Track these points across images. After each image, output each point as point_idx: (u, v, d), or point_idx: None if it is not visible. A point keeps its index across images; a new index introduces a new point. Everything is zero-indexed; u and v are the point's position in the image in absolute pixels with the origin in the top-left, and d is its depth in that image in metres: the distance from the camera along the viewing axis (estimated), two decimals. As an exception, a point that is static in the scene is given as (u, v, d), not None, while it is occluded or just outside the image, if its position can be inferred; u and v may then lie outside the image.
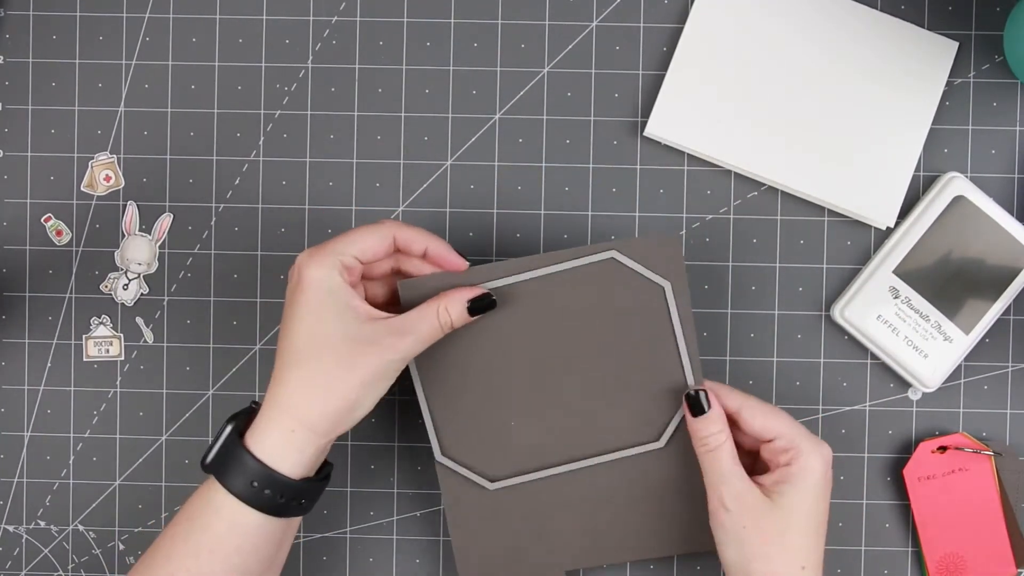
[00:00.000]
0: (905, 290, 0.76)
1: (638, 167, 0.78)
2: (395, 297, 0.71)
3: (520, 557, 0.74)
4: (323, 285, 0.66)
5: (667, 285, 0.71)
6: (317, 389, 0.65)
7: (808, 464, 0.68)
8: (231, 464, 0.66)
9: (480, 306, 0.69)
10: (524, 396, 0.73)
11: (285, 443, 0.65)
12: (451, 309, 0.68)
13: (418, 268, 0.71)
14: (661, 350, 0.72)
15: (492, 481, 0.74)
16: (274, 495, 0.65)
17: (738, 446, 0.71)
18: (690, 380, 0.72)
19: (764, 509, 0.67)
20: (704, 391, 0.70)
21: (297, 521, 0.69)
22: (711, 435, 0.69)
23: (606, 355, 0.72)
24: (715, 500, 0.68)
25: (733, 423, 0.70)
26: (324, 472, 0.69)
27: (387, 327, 0.66)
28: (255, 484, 0.65)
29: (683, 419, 0.72)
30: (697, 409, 0.70)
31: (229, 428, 0.67)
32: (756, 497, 0.67)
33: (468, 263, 0.71)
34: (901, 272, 0.76)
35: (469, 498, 0.74)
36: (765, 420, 0.69)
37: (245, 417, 0.68)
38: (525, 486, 0.74)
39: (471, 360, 0.72)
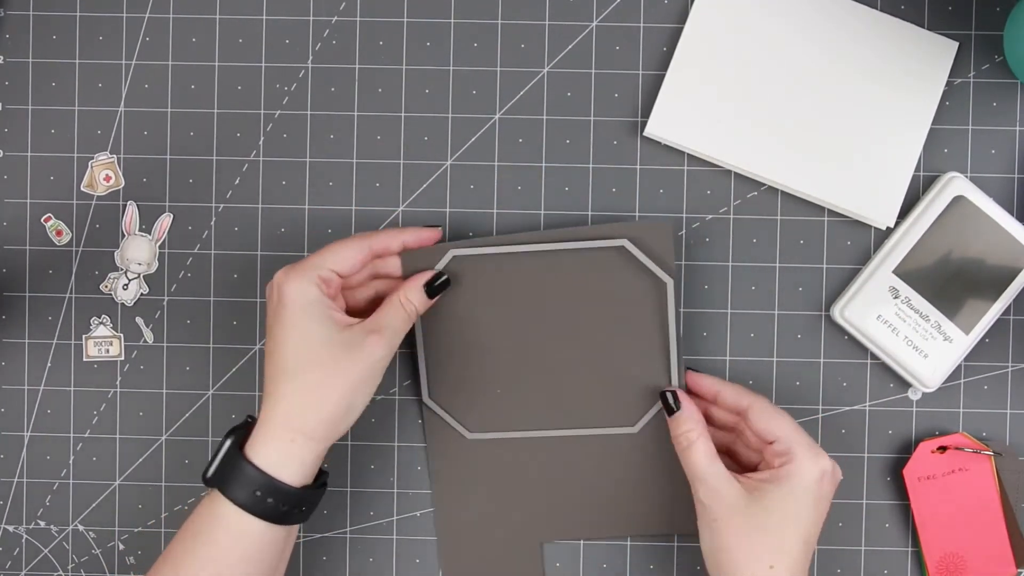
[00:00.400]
0: (905, 290, 0.76)
1: (638, 167, 0.78)
2: (376, 301, 0.74)
3: (495, 522, 0.77)
4: (302, 299, 0.68)
5: (670, 282, 0.74)
6: (311, 398, 0.67)
7: (798, 469, 0.68)
8: (233, 476, 0.67)
9: (436, 287, 0.73)
10: (513, 361, 0.76)
11: (285, 453, 0.67)
12: (411, 296, 0.72)
13: (394, 267, 0.74)
14: (650, 342, 0.75)
15: (471, 432, 0.77)
16: (277, 503, 0.67)
17: (746, 444, 0.73)
18: (674, 375, 0.75)
19: (740, 505, 0.68)
20: (674, 392, 0.73)
21: (295, 530, 0.71)
22: (682, 433, 0.71)
23: (597, 337, 0.76)
24: (694, 494, 0.70)
25: (744, 419, 0.72)
26: (321, 480, 0.70)
27: (363, 329, 0.69)
28: (258, 494, 0.66)
29: (659, 411, 0.76)
30: (669, 409, 0.73)
31: (229, 442, 0.68)
32: (733, 493, 0.68)
33: (439, 228, 0.74)
34: (901, 272, 0.76)
35: (448, 444, 0.77)
36: (769, 423, 0.70)
37: (243, 431, 0.69)
38: (501, 442, 0.77)
39: (470, 318, 0.76)
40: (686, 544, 0.78)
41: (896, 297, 0.76)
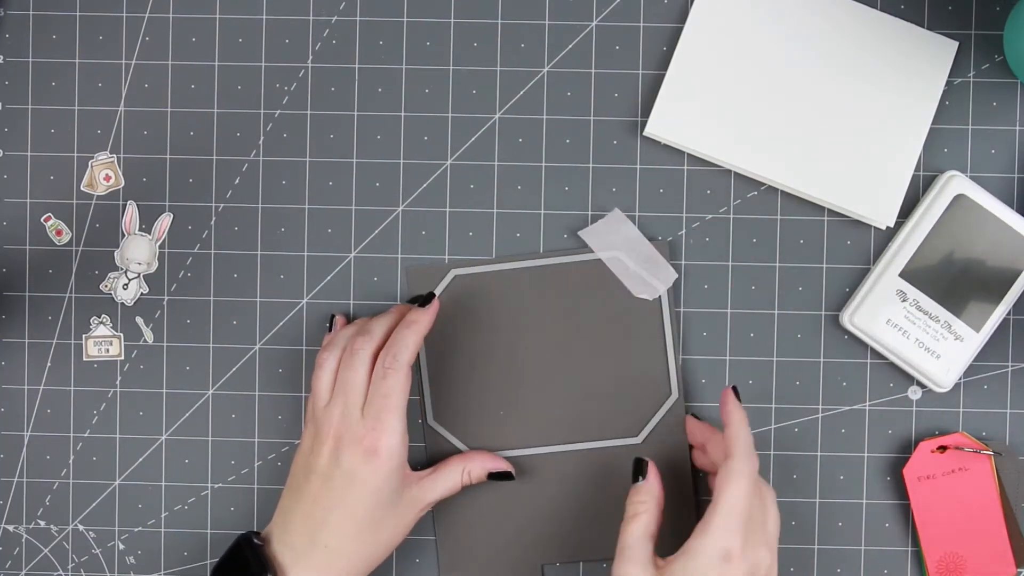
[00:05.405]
0: (912, 292, 0.76)
1: (638, 167, 0.78)
2: None
3: (497, 546, 0.77)
4: (387, 485, 0.70)
5: (663, 289, 0.76)
6: (363, 549, 0.71)
7: (699, 545, 0.65)
8: None
9: (497, 476, 0.76)
10: (517, 378, 0.77)
11: None
12: (473, 473, 0.75)
13: None
14: (649, 350, 0.76)
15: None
16: None
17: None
18: (674, 382, 0.76)
19: None
20: (645, 462, 0.70)
21: None
22: (634, 503, 0.69)
23: (598, 349, 0.76)
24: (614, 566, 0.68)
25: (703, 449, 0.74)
26: None
27: (422, 491, 0.73)
28: None
29: (662, 419, 0.76)
30: (635, 476, 0.71)
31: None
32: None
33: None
34: (907, 274, 0.76)
35: None
36: (721, 484, 0.67)
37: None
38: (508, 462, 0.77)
39: (473, 339, 0.77)
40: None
41: (904, 300, 0.76)
